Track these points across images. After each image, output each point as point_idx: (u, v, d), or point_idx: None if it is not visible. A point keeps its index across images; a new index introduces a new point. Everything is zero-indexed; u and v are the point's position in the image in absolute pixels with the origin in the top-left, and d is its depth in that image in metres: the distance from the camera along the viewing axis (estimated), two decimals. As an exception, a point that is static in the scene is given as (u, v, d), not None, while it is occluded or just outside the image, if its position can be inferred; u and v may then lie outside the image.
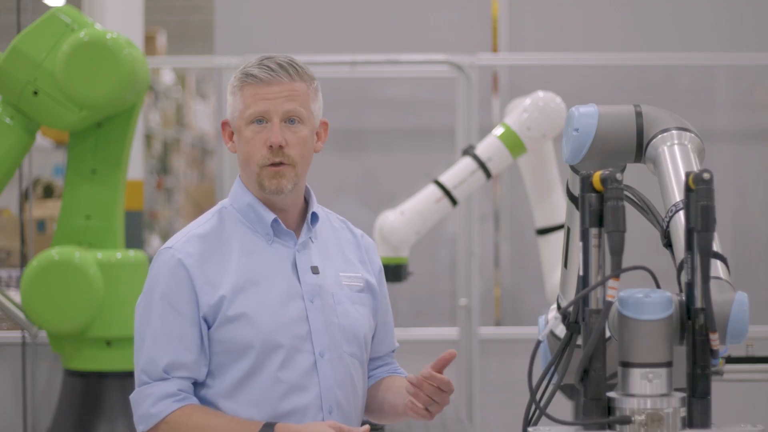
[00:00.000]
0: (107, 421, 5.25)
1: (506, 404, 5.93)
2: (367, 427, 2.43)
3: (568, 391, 4.65)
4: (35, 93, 5.04)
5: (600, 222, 1.93)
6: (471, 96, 5.96)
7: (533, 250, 5.65)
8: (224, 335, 2.50)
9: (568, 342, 2.05)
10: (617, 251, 1.87)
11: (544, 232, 5.12)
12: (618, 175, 1.91)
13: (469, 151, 4.84)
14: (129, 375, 5.26)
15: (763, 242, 6.38)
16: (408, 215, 4.77)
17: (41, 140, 8.24)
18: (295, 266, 2.57)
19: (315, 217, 2.63)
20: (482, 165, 4.79)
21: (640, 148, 2.21)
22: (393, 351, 2.80)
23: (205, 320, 2.51)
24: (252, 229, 2.59)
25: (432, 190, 4.81)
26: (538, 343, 1.96)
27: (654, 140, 2.18)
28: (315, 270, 2.59)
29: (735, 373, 3.82)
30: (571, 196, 2.34)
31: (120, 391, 5.27)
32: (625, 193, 2.04)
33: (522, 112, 4.79)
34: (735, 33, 6.34)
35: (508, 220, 6.38)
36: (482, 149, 4.82)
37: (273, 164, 2.54)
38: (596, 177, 1.93)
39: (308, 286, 2.56)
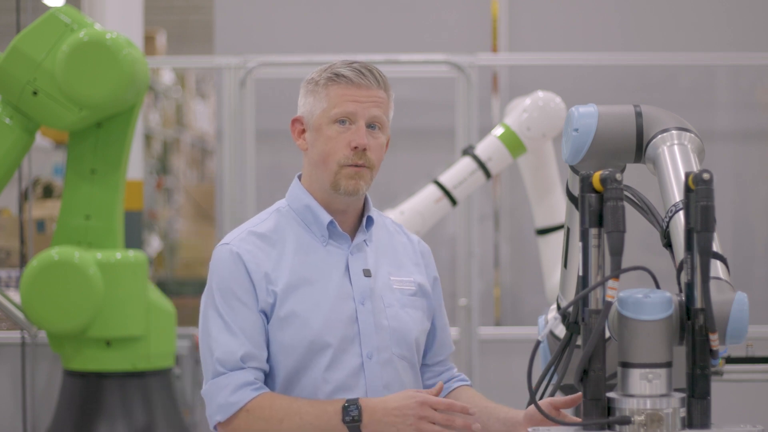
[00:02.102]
0: (107, 421, 5.25)
1: (506, 404, 5.93)
2: (441, 383, 2.46)
3: (568, 391, 4.65)
4: (35, 93, 5.04)
5: (600, 222, 1.93)
6: (471, 96, 5.96)
7: (533, 250, 5.65)
8: (276, 334, 2.52)
9: (568, 342, 2.05)
10: (617, 251, 1.87)
11: (544, 232, 5.12)
12: (618, 175, 1.91)
13: (469, 151, 4.84)
14: (128, 375, 5.27)
15: (763, 242, 6.38)
16: (408, 215, 4.77)
17: (41, 140, 8.24)
18: (347, 268, 2.59)
19: (370, 220, 2.65)
20: (482, 165, 4.79)
21: (639, 148, 2.21)
22: (449, 354, 2.81)
23: (264, 314, 2.53)
24: (308, 230, 2.60)
25: (432, 190, 4.81)
26: (538, 343, 1.96)
27: (654, 140, 2.18)
28: (367, 273, 2.60)
29: (735, 373, 3.82)
30: (570, 196, 2.34)
31: (120, 391, 5.27)
32: (625, 193, 2.04)
33: (522, 112, 4.79)
34: (735, 33, 6.34)
35: (508, 220, 6.38)
36: (482, 149, 4.82)
37: (354, 165, 2.55)
38: (596, 177, 1.93)
39: (359, 289, 2.57)
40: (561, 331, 2.65)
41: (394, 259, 2.68)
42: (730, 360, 3.82)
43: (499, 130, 4.83)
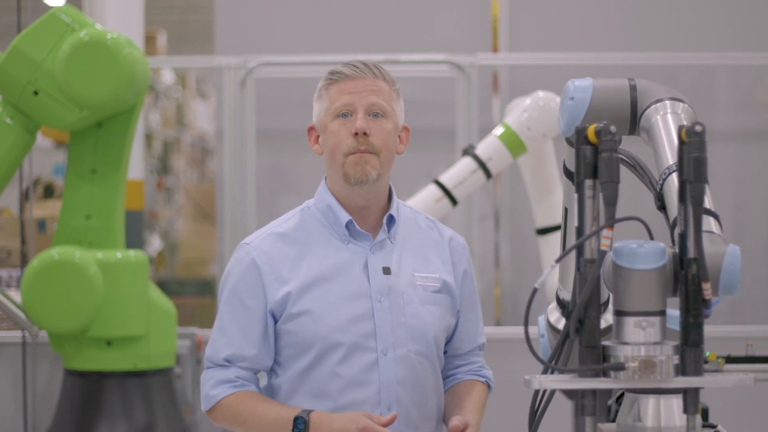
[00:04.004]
0: (107, 421, 5.26)
1: (506, 404, 5.93)
2: (394, 413, 2.51)
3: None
4: (35, 93, 5.04)
5: (594, 174, 1.98)
6: (471, 96, 5.96)
7: (533, 250, 5.65)
8: (289, 330, 2.62)
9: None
10: (611, 201, 1.92)
11: (544, 231, 5.12)
12: (612, 128, 1.95)
13: (469, 151, 4.85)
14: (129, 375, 5.27)
15: (763, 242, 6.38)
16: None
17: (41, 140, 8.24)
18: (366, 266, 2.64)
19: (392, 219, 2.69)
20: (482, 165, 4.80)
21: (634, 120, 2.26)
22: (479, 348, 2.85)
23: (273, 314, 2.63)
24: (330, 229, 2.67)
25: (432, 190, 4.82)
26: (534, 290, 1.98)
27: (647, 110, 2.23)
28: (386, 270, 2.65)
29: (735, 372, 3.82)
30: (567, 172, 2.35)
31: (120, 391, 5.27)
32: (621, 156, 2.09)
33: (522, 111, 4.79)
34: (735, 33, 6.34)
35: (508, 220, 6.38)
36: (482, 149, 4.82)
37: (358, 152, 2.60)
38: (591, 130, 1.97)
39: (377, 286, 2.62)
40: (561, 325, 2.66)
41: (421, 255, 2.71)
42: (730, 360, 3.82)
43: (499, 130, 4.83)
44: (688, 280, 1.92)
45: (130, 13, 6.10)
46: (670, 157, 2.12)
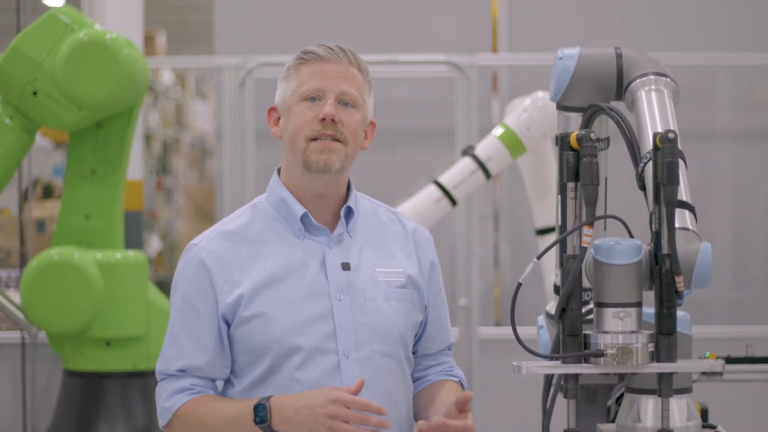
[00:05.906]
0: (107, 421, 5.26)
1: (506, 404, 5.94)
2: (361, 380, 2.35)
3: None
4: (35, 93, 5.04)
5: (576, 177, 2.17)
6: (471, 96, 5.96)
7: (533, 250, 5.65)
8: (243, 335, 2.45)
9: None
10: (591, 202, 2.12)
11: (543, 232, 5.11)
12: (592, 135, 2.13)
13: (468, 152, 4.84)
14: (128, 375, 5.27)
15: (763, 242, 6.38)
16: (407, 215, 4.75)
17: (41, 140, 8.24)
18: (323, 262, 2.48)
19: (350, 212, 2.53)
20: (482, 165, 4.79)
21: (620, 86, 2.40)
22: (449, 348, 2.68)
23: (225, 319, 2.46)
24: (284, 224, 2.50)
25: (432, 190, 4.81)
26: (519, 285, 2.18)
27: (633, 83, 2.37)
28: (346, 266, 2.48)
29: (735, 373, 3.82)
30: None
31: (120, 391, 5.27)
32: (618, 118, 2.23)
33: (522, 112, 4.79)
34: (735, 33, 6.34)
35: (508, 220, 6.38)
36: (482, 149, 4.82)
37: (323, 138, 2.44)
38: (573, 137, 2.16)
39: (336, 283, 2.46)
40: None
41: (382, 249, 2.56)
42: (730, 360, 3.82)
43: (498, 130, 4.83)
44: (662, 274, 2.07)
45: (130, 13, 6.10)
46: (651, 141, 2.20)
